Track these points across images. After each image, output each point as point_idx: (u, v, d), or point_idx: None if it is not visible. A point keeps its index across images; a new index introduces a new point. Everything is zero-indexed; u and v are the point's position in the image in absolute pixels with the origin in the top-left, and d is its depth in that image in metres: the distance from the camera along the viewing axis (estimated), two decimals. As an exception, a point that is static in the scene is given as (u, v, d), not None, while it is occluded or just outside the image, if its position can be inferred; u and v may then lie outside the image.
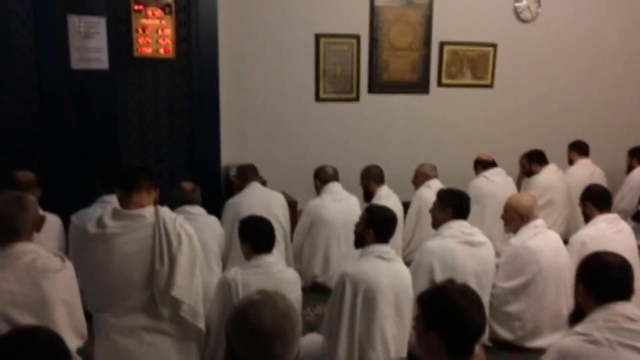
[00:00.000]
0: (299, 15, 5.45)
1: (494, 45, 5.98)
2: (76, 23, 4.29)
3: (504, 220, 3.57)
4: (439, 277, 3.02)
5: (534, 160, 5.17)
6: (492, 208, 4.39)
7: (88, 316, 2.52)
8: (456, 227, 3.25)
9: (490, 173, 4.86)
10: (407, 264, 3.07)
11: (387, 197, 4.42)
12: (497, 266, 3.43)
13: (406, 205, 4.69)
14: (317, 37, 5.53)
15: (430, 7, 5.77)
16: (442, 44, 5.87)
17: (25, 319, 2.09)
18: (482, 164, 5.00)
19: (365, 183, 4.57)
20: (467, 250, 3.19)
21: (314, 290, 4.14)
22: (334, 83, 5.67)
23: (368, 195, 4.52)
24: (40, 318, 2.11)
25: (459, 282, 1.75)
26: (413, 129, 5.95)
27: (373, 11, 5.65)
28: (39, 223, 2.28)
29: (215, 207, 4.10)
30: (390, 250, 2.83)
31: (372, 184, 4.54)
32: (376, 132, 5.83)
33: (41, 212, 2.38)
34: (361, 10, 5.63)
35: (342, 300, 2.70)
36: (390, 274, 2.75)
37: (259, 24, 5.34)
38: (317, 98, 5.64)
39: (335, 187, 4.35)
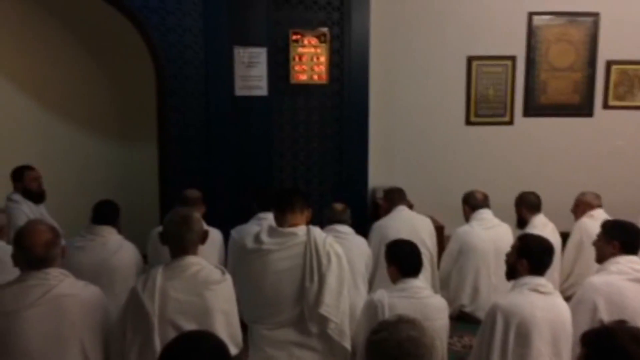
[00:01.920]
0: (451, 38, 5.40)
1: (671, 63, 5.40)
2: (241, 54, 4.67)
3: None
4: (604, 316, 2.74)
5: None
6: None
7: (243, 327, 2.68)
8: (624, 263, 2.94)
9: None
10: (566, 299, 2.84)
11: (542, 226, 4.14)
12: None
13: (564, 236, 4.36)
14: (470, 59, 5.42)
15: (595, 24, 5.38)
16: (609, 63, 5.43)
17: (190, 326, 2.25)
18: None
19: (519, 210, 4.33)
20: (637, 289, 2.87)
21: (461, 320, 3.99)
22: (485, 106, 5.51)
23: (522, 223, 4.28)
24: (203, 326, 2.26)
25: (629, 324, 1.58)
26: (573, 154, 5.54)
27: (531, 31, 5.41)
28: (204, 237, 2.48)
29: (361, 229, 4.15)
30: (546, 283, 2.64)
31: (526, 211, 4.29)
32: (531, 157, 5.53)
33: (205, 226, 2.59)
34: (518, 31, 5.42)
35: (493, 333, 2.57)
36: (546, 309, 2.56)
37: (409, 48, 5.37)
38: (468, 121, 5.51)
39: (485, 214, 4.18)
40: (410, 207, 4.46)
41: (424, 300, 2.69)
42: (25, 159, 4.40)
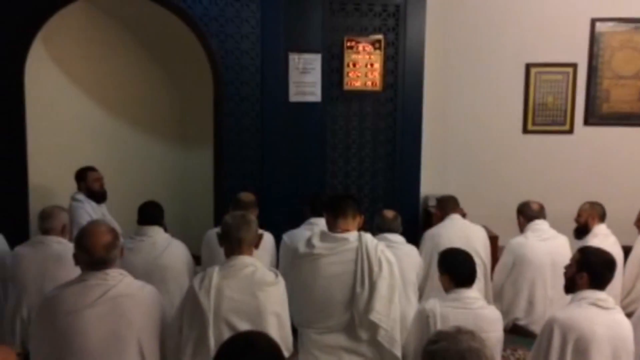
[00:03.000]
0: (509, 45, 5.29)
1: None
2: (296, 60, 4.73)
3: None
4: (669, 335, 2.62)
5: None
6: None
7: (293, 330, 2.70)
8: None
9: None
10: (628, 315, 2.73)
11: (604, 236, 4.00)
12: None
13: (625, 250, 4.19)
14: (528, 66, 5.29)
15: (663, 30, 5.16)
16: (676, 71, 5.19)
17: (243, 325, 2.30)
18: None
19: (583, 218, 4.20)
20: None
21: (515, 333, 3.88)
22: (544, 114, 5.36)
23: (582, 232, 4.14)
24: (255, 326, 2.29)
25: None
26: (636, 165, 5.32)
27: (593, 38, 5.24)
28: (258, 240, 2.52)
29: (412, 237, 4.12)
30: (607, 298, 2.55)
31: (591, 219, 4.16)
32: (592, 167, 5.34)
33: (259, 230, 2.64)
34: (580, 38, 5.26)
35: (549, 348, 2.49)
36: (607, 325, 2.46)
37: (465, 55, 5.30)
38: (525, 130, 5.38)
39: (541, 225, 4.06)
40: (464, 216, 4.39)
41: (477, 311, 2.64)
42: (90, 161, 4.60)
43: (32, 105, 4.45)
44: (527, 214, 4.13)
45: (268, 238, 3.69)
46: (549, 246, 3.94)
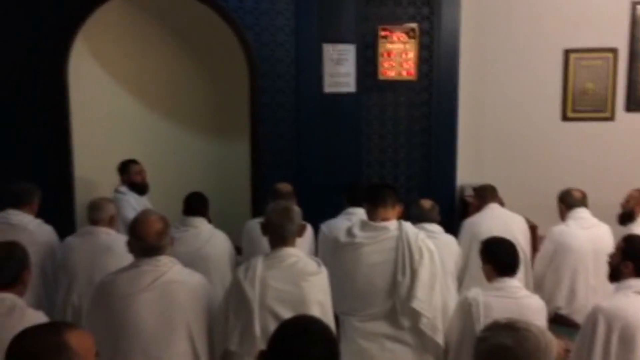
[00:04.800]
0: (547, 30, 5.19)
1: None
2: (330, 51, 4.74)
3: None
4: None
5: None
6: None
7: (335, 318, 2.74)
8: None
9: None
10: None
11: (651, 224, 3.92)
12: None
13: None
14: (567, 52, 5.19)
15: None
16: None
17: (288, 315, 2.31)
18: None
19: (630, 205, 4.12)
20: None
21: (557, 323, 3.84)
22: (583, 101, 5.26)
23: (626, 218, 4.07)
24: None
25: None
26: (682, 152, 5.19)
27: (634, 21, 5.10)
28: (301, 230, 2.56)
29: (449, 227, 4.10)
30: (654, 287, 2.51)
31: (636, 206, 4.08)
32: (633, 154, 5.22)
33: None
34: (620, 22, 5.13)
35: (594, 337, 2.47)
36: (654, 314, 2.43)
37: (502, 41, 5.22)
38: (564, 117, 5.29)
39: (583, 213, 3.99)
40: (502, 205, 4.35)
41: (521, 300, 2.63)
42: (131, 154, 4.71)
43: (75, 100, 4.59)
44: (568, 202, 4.06)
45: (307, 228, 3.72)
46: (591, 234, 3.88)
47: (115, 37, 5.14)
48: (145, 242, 2.32)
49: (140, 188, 4.51)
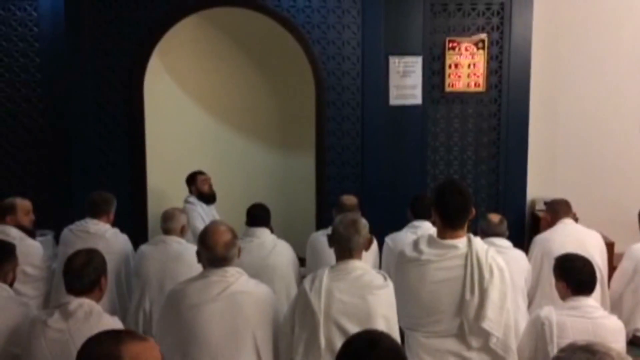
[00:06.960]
0: (625, 39, 4.97)
1: None
2: (396, 63, 4.73)
3: None
4: None
5: None
6: None
7: (400, 332, 2.69)
8: None
9: None
10: None
11: None
12: None
13: None
14: (646, 61, 4.94)
15: None
16: None
17: (353, 328, 2.32)
18: None
19: None
20: None
21: (634, 345, 3.64)
22: (666, 112, 4.97)
23: None
24: (365, 328, 2.33)
25: None
26: None
27: None
28: (369, 242, 2.55)
29: (518, 242, 3.98)
30: None
31: None
32: None
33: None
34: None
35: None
36: None
37: (576, 51, 5.03)
38: (644, 128, 5.02)
39: (665, 231, 3.77)
40: (576, 220, 4.17)
41: (597, 320, 2.50)
42: (200, 166, 4.86)
43: (150, 115, 4.79)
44: (648, 218, 3.85)
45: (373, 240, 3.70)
46: (674, 253, 3.65)
47: (188, 54, 5.33)
48: (214, 252, 2.38)
49: (207, 197, 4.65)
